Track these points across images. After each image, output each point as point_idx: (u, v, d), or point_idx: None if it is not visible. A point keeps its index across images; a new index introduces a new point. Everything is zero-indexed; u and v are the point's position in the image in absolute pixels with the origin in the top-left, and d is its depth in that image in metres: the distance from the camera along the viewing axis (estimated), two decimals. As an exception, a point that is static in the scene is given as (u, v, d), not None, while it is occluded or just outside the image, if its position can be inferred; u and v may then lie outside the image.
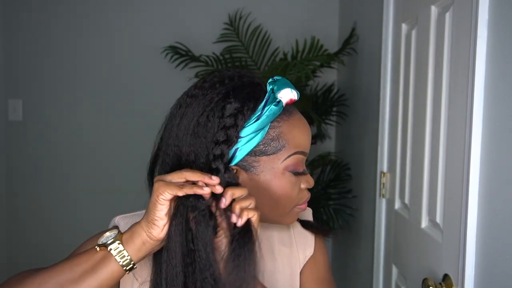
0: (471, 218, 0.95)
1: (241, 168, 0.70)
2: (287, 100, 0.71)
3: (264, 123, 0.69)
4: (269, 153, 0.70)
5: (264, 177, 0.71)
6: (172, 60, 2.31)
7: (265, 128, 0.69)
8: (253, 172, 0.70)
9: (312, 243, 0.85)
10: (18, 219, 2.54)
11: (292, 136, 0.71)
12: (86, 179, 2.54)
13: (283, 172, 0.71)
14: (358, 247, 2.05)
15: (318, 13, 2.54)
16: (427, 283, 1.07)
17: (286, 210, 0.74)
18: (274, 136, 0.70)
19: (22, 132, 2.52)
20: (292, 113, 0.73)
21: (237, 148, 0.68)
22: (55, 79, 2.51)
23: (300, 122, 0.74)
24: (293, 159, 0.71)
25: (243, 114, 0.68)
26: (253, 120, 0.68)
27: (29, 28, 2.49)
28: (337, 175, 2.30)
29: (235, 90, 0.70)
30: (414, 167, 1.33)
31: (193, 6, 2.52)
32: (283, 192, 0.71)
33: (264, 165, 0.70)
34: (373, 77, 1.83)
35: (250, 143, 0.69)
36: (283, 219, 0.76)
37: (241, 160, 0.69)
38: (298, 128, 0.73)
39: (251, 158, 0.70)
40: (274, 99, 0.70)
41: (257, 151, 0.70)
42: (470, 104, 0.95)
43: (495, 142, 0.90)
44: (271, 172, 0.71)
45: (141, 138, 2.54)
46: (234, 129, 0.67)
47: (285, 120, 0.71)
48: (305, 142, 0.73)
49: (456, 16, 1.05)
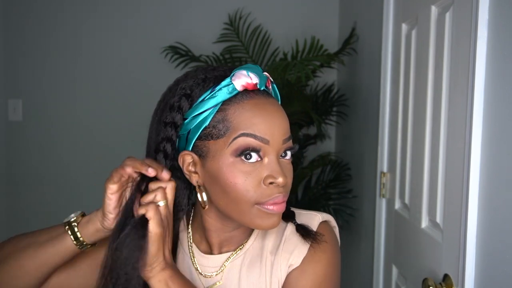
0: (471, 218, 0.95)
1: (196, 154, 0.69)
2: (242, 83, 0.67)
3: (210, 104, 0.67)
4: (215, 137, 0.67)
5: (213, 163, 0.67)
6: (172, 60, 2.31)
7: (212, 110, 0.67)
8: (204, 158, 0.68)
9: (301, 253, 0.73)
10: (18, 219, 2.54)
11: (240, 118, 0.66)
12: (86, 179, 2.54)
13: (232, 158, 0.66)
14: (358, 247, 2.05)
15: (318, 13, 2.54)
16: (427, 283, 1.06)
17: (243, 206, 0.67)
18: (220, 118, 0.67)
19: (22, 132, 2.52)
20: (248, 97, 0.67)
21: (189, 131, 0.68)
22: (55, 79, 2.51)
23: (256, 107, 0.67)
24: (239, 141, 0.65)
25: (190, 96, 0.68)
26: (198, 101, 0.68)
27: (29, 28, 2.49)
28: (337, 175, 2.30)
29: (192, 77, 0.71)
30: (414, 167, 1.33)
31: (193, 6, 2.52)
32: (233, 181, 0.66)
33: (212, 150, 0.67)
34: (373, 77, 1.83)
35: (198, 126, 0.67)
36: (246, 219, 0.68)
37: (194, 146, 0.69)
38: (250, 112, 0.66)
39: (201, 142, 0.68)
40: (228, 83, 0.67)
41: (205, 135, 0.68)
42: (470, 104, 0.95)
43: (495, 142, 0.90)
44: (220, 158, 0.66)
45: (141, 138, 2.54)
46: (178, 111, 0.68)
47: (236, 102, 0.67)
48: (260, 126, 0.66)
49: (456, 16, 1.05)
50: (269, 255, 0.75)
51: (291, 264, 0.73)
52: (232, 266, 0.76)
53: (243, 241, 0.78)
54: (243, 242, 0.77)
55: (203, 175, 0.69)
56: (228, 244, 0.77)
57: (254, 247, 0.77)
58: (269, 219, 0.68)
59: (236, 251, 0.77)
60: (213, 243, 0.77)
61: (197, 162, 0.69)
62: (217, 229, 0.76)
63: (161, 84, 2.87)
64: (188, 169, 0.70)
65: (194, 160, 0.70)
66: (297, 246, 0.74)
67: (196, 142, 0.68)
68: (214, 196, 0.69)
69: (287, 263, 0.74)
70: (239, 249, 0.77)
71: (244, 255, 0.76)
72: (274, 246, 0.76)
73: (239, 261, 0.76)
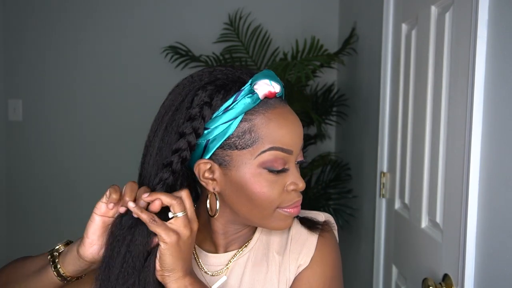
0: (471, 218, 0.95)
1: (215, 162, 0.68)
2: (265, 92, 0.67)
3: (234, 114, 0.66)
4: (240, 147, 0.66)
5: (237, 172, 0.67)
6: (172, 60, 2.31)
7: (236, 120, 0.66)
8: (226, 167, 0.68)
9: (309, 252, 0.75)
10: (18, 218, 2.54)
11: (267, 130, 0.66)
12: (86, 179, 2.54)
13: (258, 169, 0.67)
14: (358, 247, 2.05)
15: (318, 13, 2.54)
16: (427, 283, 1.06)
17: (266, 211, 0.69)
18: (247, 129, 0.66)
19: (22, 132, 2.52)
20: (272, 107, 0.68)
21: (208, 140, 0.67)
22: (55, 79, 2.51)
23: (280, 117, 0.68)
24: (268, 155, 0.66)
25: (210, 105, 0.66)
26: (221, 111, 0.66)
27: (29, 28, 2.49)
28: (337, 175, 2.30)
29: (208, 83, 0.68)
30: (414, 167, 1.33)
31: (193, 6, 2.52)
32: (259, 191, 0.67)
33: (236, 160, 0.67)
34: (373, 77, 1.83)
35: (220, 135, 0.66)
36: (268, 222, 0.71)
37: (214, 154, 0.68)
38: (275, 123, 0.67)
39: (223, 151, 0.67)
40: (250, 91, 0.66)
41: (228, 144, 0.67)
42: (470, 104, 0.95)
43: (495, 142, 0.90)
44: (245, 168, 0.67)
45: (141, 138, 2.54)
46: (199, 120, 0.66)
47: (261, 113, 0.67)
48: (286, 138, 0.67)
49: (456, 16, 1.05)
50: (276, 255, 0.76)
51: (300, 264, 0.75)
52: (236, 264, 0.77)
53: (247, 240, 0.79)
54: (248, 241, 0.79)
55: (223, 183, 0.69)
56: (234, 243, 0.78)
57: (259, 245, 0.78)
58: (287, 221, 0.72)
59: (242, 249, 0.78)
60: (219, 244, 0.78)
61: (215, 170, 0.69)
62: (225, 232, 0.77)
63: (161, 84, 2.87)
64: (205, 176, 0.69)
65: (212, 168, 0.69)
66: (304, 246, 0.76)
67: (217, 151, 0.68)
68: (235, 203, 0.70)
69: (296, 263, 0.75)
70: (244, 246, 0.78)
71: (249, 253, 0.78)
72: (281, 246, 0.77)
73: (244, 259, 0.77)
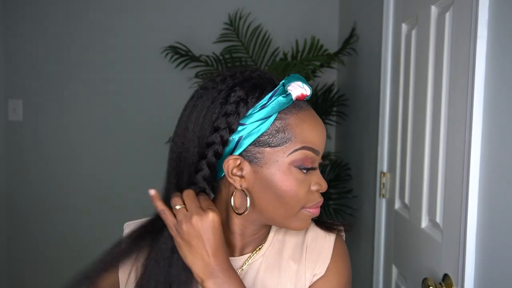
0: (471, 218, 0.95)
1: (245, 158, 0.69)
2: (298, 94, 0.69)
3: (269, 112, 0.68)
4: (273, 145, 0.68)
5: (267, 169, 0.69)
6: (172, 60, 2.31)
7: (270, 118, 0.68)
8: (257, 164, 0.69)
9: (325, 261, 0.77)
10: (18, 219, 2.54)
11: (300, 130, 0.69)
12: (86, 178, 2.54)
13: (289, 167, 0.68)
14: (358, 247, 2.05)
15: (318, 13, 2.54)
16: (427, 283, 1.07)
17: (292, 210, 0.70)
18: (280, 127, 0.68)
19: (22, 132, 2.52)
20: (303, 108, 0.71)
21: (241, 137, 0.68)
22: (55, 79, 2.51)
23: (311, 118, 0.71)
24: (300, 154, 0.69)
25: (246, 102, 0.68)
26: (257, 108, 0.68)
27: (29, 28, 2.49)
28: (337, 175, 2.30)
29: (243, 81, 0.70)
30: (414, 167, 1.33)
31: (193, 6, 2.52)
32: (288, 189, 0.68)
33: (268, 157, 0.68)
34: (373, 77, 1.83)
35: (254, 132, 0.68)
36: (290, 222, 0.72)
37: (244, 150, 0.69)
38: (307, 124, 0.70)
39: (255, 148, 0.69)
40: (284, 92, 0.69)
41: (261, 142, 0.68)
42: (470, 104, 0.95)
43: (495, 142, 0.90)
44: (276, 166, 0.68)
45: (142, 137, 2.55)
46: (234, 116, 0.67)
47: (294, 113, 0.69)
48: (316, 140, 0.70)
49: (456, 16, 1.05)
50: (291, 262, 0.78)
51: (316, 274, 0.77)
52: (250, 267, 0.77)
53: (261, 243, 0.79)
54: (262, 244, 0.79)
55: (251, 180, 0.70)
56: (249, 245, 0.79)
57: (272, 249, 0.79)
58: (307, 221, 0.73)
59: (256, 252, 0.78)
60: (237, 245, 0.78)
61: (245, 166, 0.70)
62: (242, 233, 0.77)
63: (161, 84, 2.86)
64: (233, 173, 0.70)
65: (241, 165, 0.70)
66: (320, 255, 0.78)
67: (248, 147, 0.69)
68: (262, 200, 0.70)
69: (312, 271, 0.77)
70: (258, 249, 0.78)
71: (262, 257, 0.78)
72: (296, 253, 0.78)
73: (258, 263, 0.78)
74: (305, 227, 0.73)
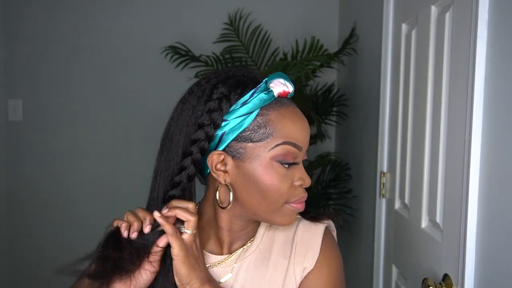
0: (471, 218, 0.95)
1: (228, 154, 0.71)
2: (280, 91, 0.71)
3: (251, 108, 0.69)
4: (255, 140, 0.70)
5: (250, 164, 0.70)
6: (172, 60, 2.31)
7: (252, 114, 0.70)
8: (239, 159, 0.70)
9: (314, 254, 0.78)
10: (18, 219, 2.54)
11: (281, 126, 0.70)
12: (86, 178, 2.54)
13: (270, 161, 0.70)
14: (358, 247, 2.05)
15: (318, 13, 2.54)
16: (427, 283, 1.07)
17: (275, 205, 0.71)
18: (262, 123, 0.70)
19: (22, 132, 2.52)
20: (285, 104, 0.72)
21: (224, 132, 0.70)
22: (55, 79, 2.51)
23: (293, 114, 0.72)
24: (281, 149, 0.70)
25: (228, 98, 0.70)
26: (239, 104, 0.70)
27: (29, 28, 2.49)
28: (337, 175, 2.30)
29: (226, 79, 0.72)
30: (414, 167, 1.33)
31: (193, 6, 2.52)
32: (270, 183, 0.70)
33: (250, 152, 0.70)
34: (373, 77, 1.83)
35: (236, 128, 0.70)
36: (274, 217, 0.73)
37: (228, 146, 0.70)
38: (289, 119, 0.71)
39: (237, 144, 0.70)
40: (266, 89, 0.71)
41: (244, 137, 0.70)
42: (470, 104, 0.95)
43: (495, 142, 0.90)
44: (258, 160, 0.70)
45: (141, 137, 2.55)
46: (218, 112, 0.69)
47: (276, 109, 0.71)
48: (298, 135, 0.72)
49: (456, 16, 1.05)
50: (281, 258, 0.78)
51: (306, 267, 0.78)
52: (240, 264, 0.78)
53: (249, 239, 0.80)
54: (251, 239, 0.80)
55: (234, 175, 0.71)
56: (238, 241, 0.80)
57: (262, 246, 0.80)
58: (292, 216, 0.74)
59: (245, 249, 0.79)
60: (224, 240, 0.79)
61: (228, 162, 0.71)
62: (230, 228, 0.78)
63: (160, 84, 2.85)
64: (217, 168, 0.71)
65: (224, 160, 0.71)
66: (309, 248, 0.78)
67: (231, 143, 0.70)
68: (246, 195, 0.72)
69: (301, 265, 0.78)
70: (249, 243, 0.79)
71: (252, 254, 0.79)
72: (286, 249, 0.79)
73: (247, 260, 0.78)
74: (290, 222, 0.74)
